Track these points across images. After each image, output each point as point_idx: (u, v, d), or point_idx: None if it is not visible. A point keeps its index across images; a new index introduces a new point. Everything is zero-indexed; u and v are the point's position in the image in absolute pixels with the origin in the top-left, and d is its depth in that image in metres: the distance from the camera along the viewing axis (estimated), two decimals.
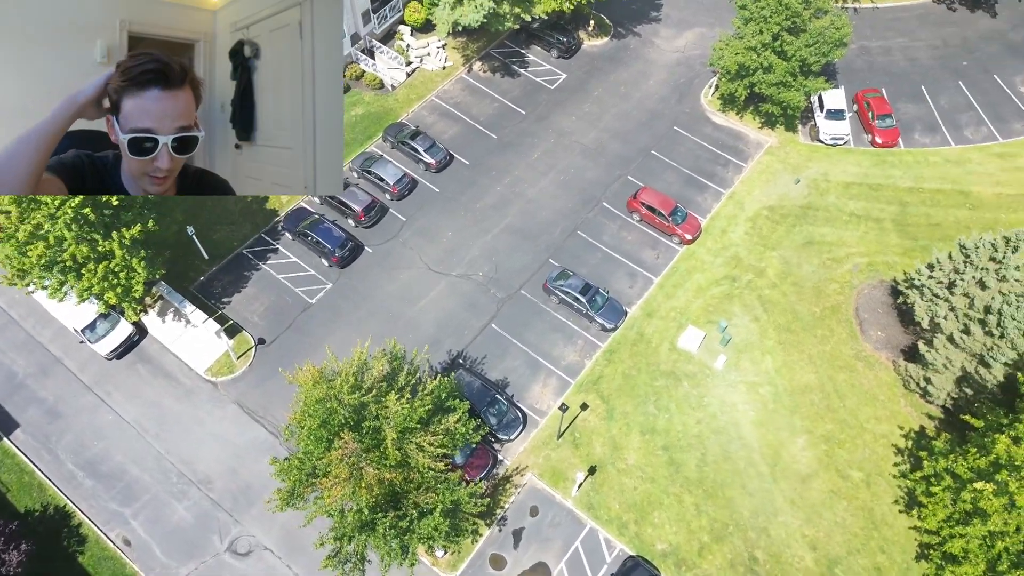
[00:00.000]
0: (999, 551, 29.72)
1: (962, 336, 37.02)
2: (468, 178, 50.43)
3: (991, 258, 37.41)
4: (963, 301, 38.16)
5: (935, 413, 40.88)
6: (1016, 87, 56.21)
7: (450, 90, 55.22)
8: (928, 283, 39.96)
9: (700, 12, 60.84)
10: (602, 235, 48.32)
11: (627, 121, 54.14)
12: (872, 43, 58.79)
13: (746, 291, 45.87)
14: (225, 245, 45.99)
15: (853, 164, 52.03)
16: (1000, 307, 35.40)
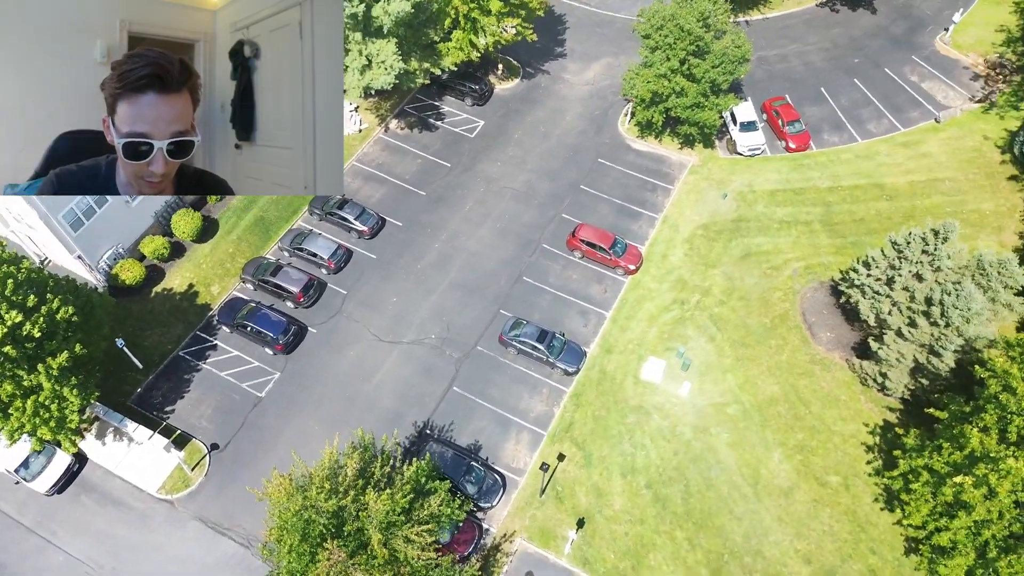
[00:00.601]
0: (986, 539, 30.50)
1: (909, 329, 38.30)
2: (404, 240, 49.40)
3: (923, 251, 38.96)
4: (904, 295, 39.58)
5: (895, 405, 42.11)
6: (906, 77, 59.45)
7: (370, 152, 54.23)
8: (867, 281, 41.30)
9: (602, 43, 62.00)
10: (548, 277, 48.07)
11: (552, 159, 54.37)
12: (768, 53, 61.19)
13: (696, 312, 46.38)
14: (159, 350, 43.37)
15: (773, 171, 53.70)
16: (941, 297, 36.81)
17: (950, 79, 58.89)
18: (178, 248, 47.42)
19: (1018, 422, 28.76)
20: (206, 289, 46.10)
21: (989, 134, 54.61)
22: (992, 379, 30.89)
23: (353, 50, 46.88)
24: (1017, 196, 50.78)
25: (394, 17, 44.93)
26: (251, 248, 48.20)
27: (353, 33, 46.41)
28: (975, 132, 54.96)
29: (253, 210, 49.94)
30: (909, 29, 62.84)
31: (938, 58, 60.62)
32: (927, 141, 54.97)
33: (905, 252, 39.36)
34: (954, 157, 53.63)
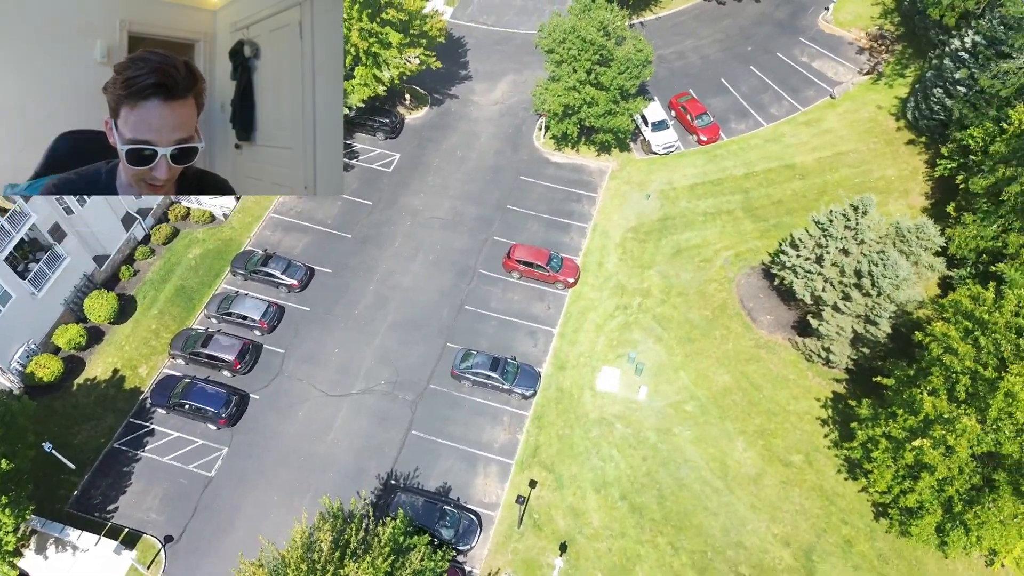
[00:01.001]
0: (950, 495, 31.69)
1: (844, 303, 39.63)
2: (336, 287, 47.92)
3: (846, 226, 40.42)
4: (834, 271, 40.95)
5: (840, 376, 43.51)
6: (797, 58, 61.98)
7: (286, 201, 52.45)
8: (798, 262, 42.56)
9: (505, 61, 62.13)
10: (489, 302, 47.54)
11: (474, 183, 53.95)
12: (666, 51, 62.67)
13: (640, 315, 46.77)
14: (91, 446, 40.46)
15: (690, 166, 54.90)
16: (869, 268, 38.24)
17: (837, 55, 61.74)
18: (96, 334, 44.49)
19: (964, 381, 30.03)
20: (133, 372, 43.40)
21: (882, 103, 57.47)
22: (933, 343, 32.20)
23: None
24: (917, 159, 53.54)
25: None
26: (175, 321, 45.72)
27: None
28: (869, 103, 57.74)
29: (172, 280, 47.42)
30: (792, 13, 65.62)
31: (823, 37, 63.51)
32: (826, 117, 57.38)
33: (829, 230, 40.73)
34: (853, 129, 56.15)
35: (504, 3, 66.16)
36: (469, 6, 65.86)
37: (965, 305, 32.61)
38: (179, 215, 49.76)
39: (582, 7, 50.17)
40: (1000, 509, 28.98)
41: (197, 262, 48.53)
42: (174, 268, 48.02)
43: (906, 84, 58.21)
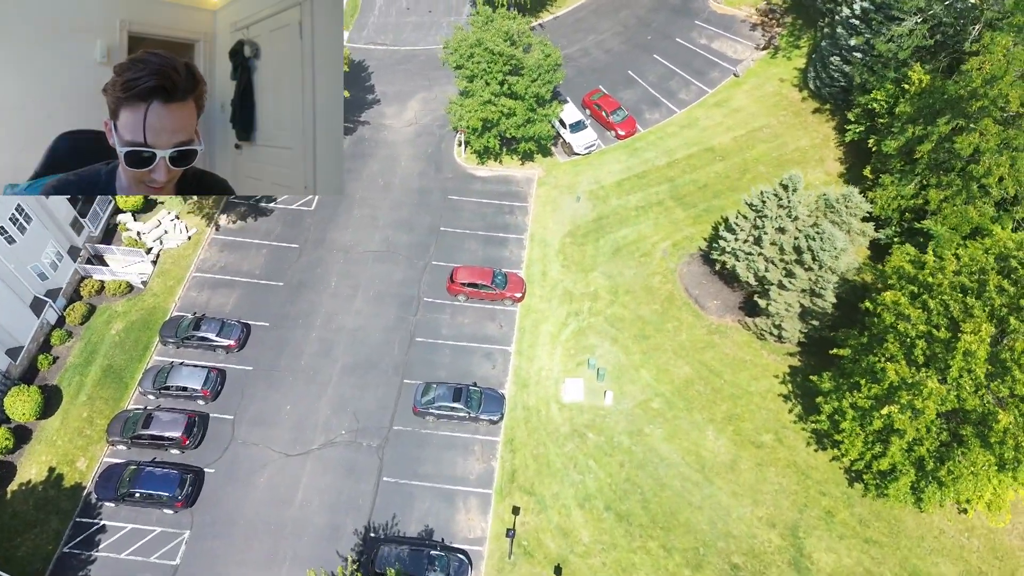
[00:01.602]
0: (921, 454, 32.83)
1: (789, 280, 40.54)
2: (276, 340, 45.70)
3: (779, 206, 41.32)
4: (774, 250, 41.84)
5: (793, 350, 44.60)
6: (696, 41, 63.22)
7: (208, 257, 49.64)
8: (737, 246, 43.29)
9: (411, 79, 60.78)
10: (440, 330, 46.38)
11: (402, 209, 52.54)
12: (570, 49, 62.74)
13: (592, 319, 46.64)
14: (38, 555, 37.14)
15: (613, 163, 55.14)
16: (808, 244, 39.21)
17: (733, 34, 63.33)
18: (22, 433, 40.89)
19: (921, 345, 31.11)
20: (72, 467, 40.11)
21: (783, 76, 59.29)
22: (885, 312, 33.22)
23: None
24: (826, 127, 55.50)
25: None
26: (108, 404, 42.53)
27: None
28: (771, 78, 59.48)
29: (96, 361, 44.08)
30: None
31: (717, 17, 65.02)
32: (734, 97, 58.75)
33: (763, 211, 41.55)
34: (762, 105, 57.71)
35: (399, 21, 64.74)
36: (364, 28, 64.11)
37: (908, 270, 33.79)
38: (92, 290, 46.30)
39: (484, 19, 49.47)
40: (972, 462, 30.17)
41: (121, 337, 45.29)
42: (97, 348, 44.66)
43: (802, 55, 60.26)
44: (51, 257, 44.12)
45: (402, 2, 65.56)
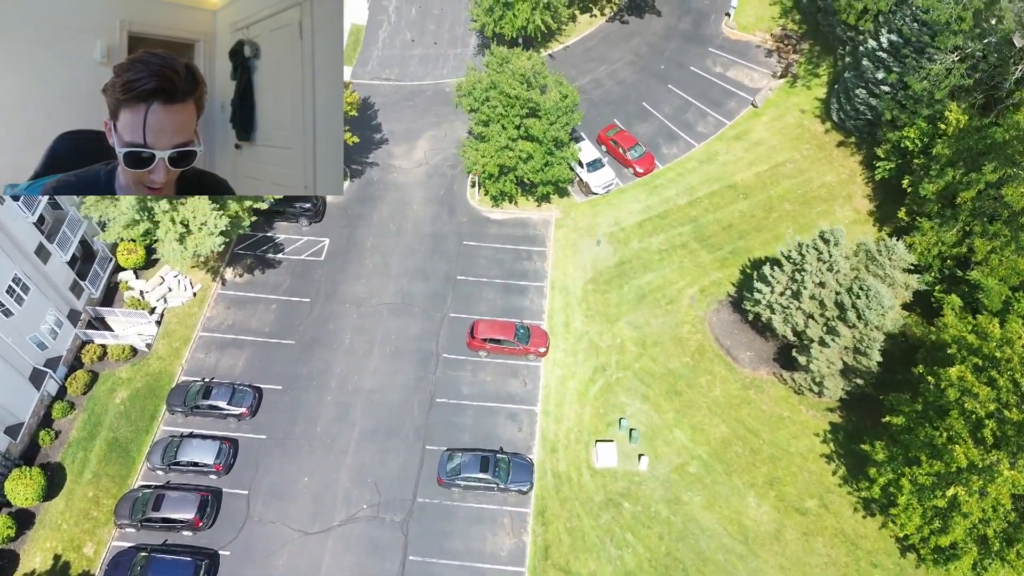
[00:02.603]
0: (985, 533, 30.95)
1: (831, 338, 38.61)
2: (290, 404, 43.46)
3: (819, 259, 39.39)
4: (813, 304, 39.91)
5: (833, 405, 42.71)
6: (711, 70, 61.29)
7: (215, 315, 47.32)
8: (772, 298, 41.35)
9: (419, 116, 58.58)
10: (461, 389, 44.25)
11: (416, 256, 50.37)
12: (583, 81, 60.69)
13: (620, 374, 44.61)
14: None
15: (633, 202, 53.14)
16: (852, 302, 37.30)
17: (749, 61, 61.43)
18: (25, 518, 38.50)
19: (991, 425, 29.25)
20: (78, 554, 37.76)
21: (804, 107, 57.45)
22: (949, 388, 31.27)
23: (162, 221, 40.22)
24: (852, 161, 53.68)
25: None
26: (115, 482, 40.19)
27: (157, 202, 39.78)
28: (791, 108, 57.62)
29: (101, 434, 41.72)
30: (695, 23, 64.95)
31: (731, 44, 63.11)
32: (754, 128, 56.87)
33: (803, 264, 39.62)
34: (783, 137, 55.85)
35: (403, 54, 62.49)
36: (368, 62, 61.83)
37: (971, 341, 31.89)
38: (94, 356, 43.89)
39: (499, 60, 47.33)
40: None
41: (127, 407, 42.93)
42: (101, 419, 42.29)
43: (822, 84, 58.43)
44: (50, 325, 41.72)
45: (406, 34, 63.34)
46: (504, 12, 55.53)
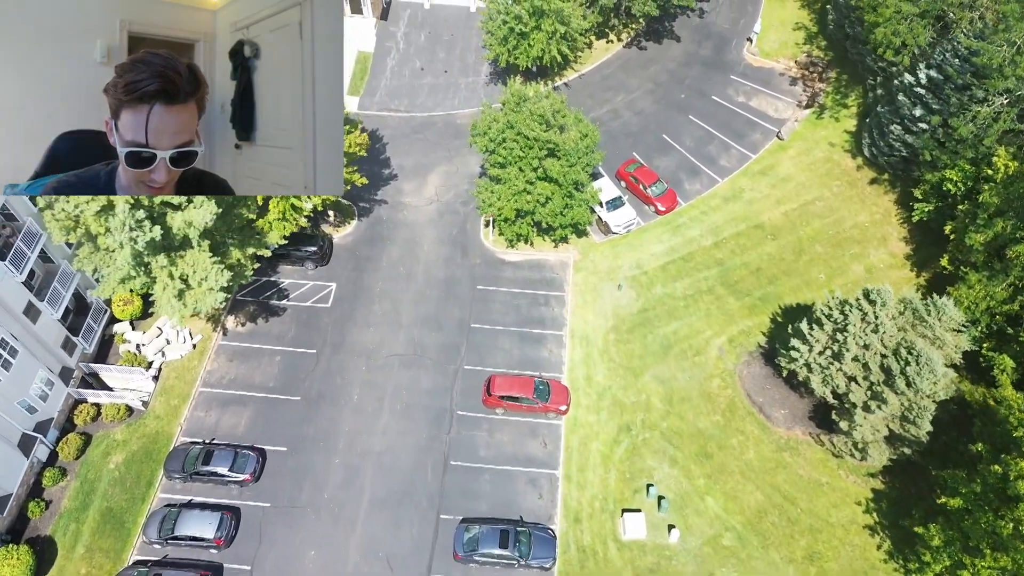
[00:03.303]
0: None
1: (877, 404, 35.97)
2: (295, 468, 40.85)
3: (863, 320, 36.74)
4: (855, 366, 37.27)
5: (875, 469, 40.05)
6: (733, 99, 58.66)
7: (216, 369, 44.71)
8: (811, 358, 38.71)
9: (430, 150, 55.98)
10: (477, 451, 41.63)
11: (427, 303, 47.75)
12: (599, 112, 58.09)
13: (646, 434, 41.98)
14: None
15: (655, 243, 50.52)
16: (902, 368, 34.66)
17: (772, 90, 58.83)
18: None
19: None
20: None
21: (833, 140, 54.81)
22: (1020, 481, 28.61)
23: (160, 276, 37.65)
24: (885, 199, 51.03)
25: (199, 228, 36.34)
26: (109, 558, 37.57)
27: (155, 257, 37.20)
28: (820, 141, 54.98)
29: (94, 503, 39.12)
30: (716, 48, 62.34)
31: (753, 71, 60.50)
32: (780, 163, 54.25)
33: (845, 323, 36.96)
34: (812, 173, 53.21)
35: (413, 84, 59.89)
36: (376, 92, 59.24)
37: None
38: (88, 417, 41.30)
39: (516, 99, 44.73)
40: None
41: (121, 472, 40.34)
42: (94, 487, 39.70)
43: (851, 115, 55.82)
44: (41, 387, 39.17)
45: (415, 62, 60.77)
46: (519, 42, 52.96)
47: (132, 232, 35.20)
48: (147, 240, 35.34)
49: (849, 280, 47.49)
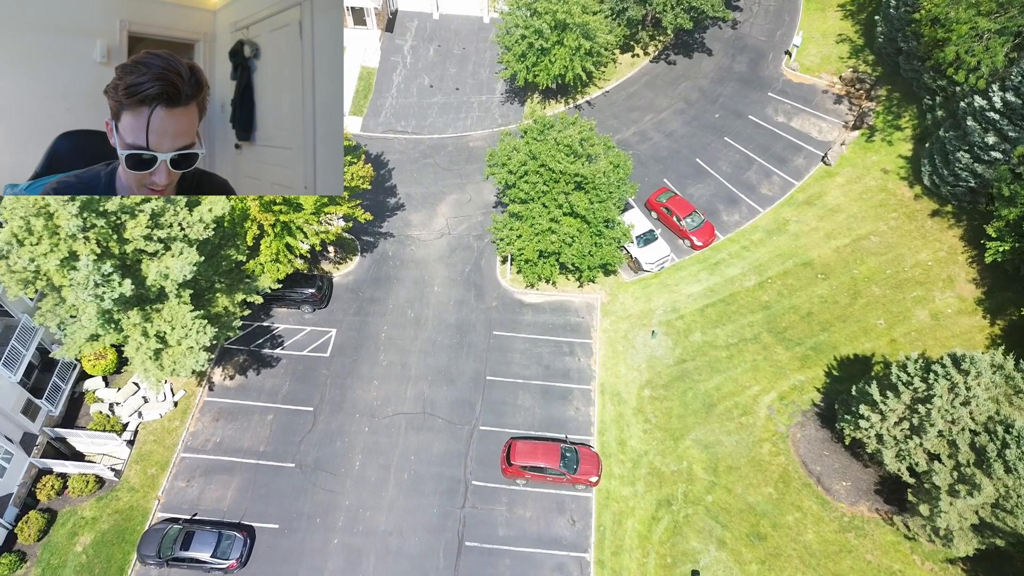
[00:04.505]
0: None
1: (967, 490, 30.64)
2: (289, 551, 35.70)
3: (950, 389, 31.43)
4: (939, 443, 31.96)
5: (955, 555, 34.74)
6: (772, 119, 53.45)
7: (200, 430, 39.62)
8: (883, 429, 33.41)
9: (440, 177, 50.86)
10: (496, 529, 36.45)
11: (439, 352, 42.61)
12: (626, 134, 52.94)
13: (689, 512, 36.73)
14: None
15: (691, 282, 45.30)
16: (1000, 450, 29.35)
17: (815, 109, 53.60)
18: None
19: None
20: None
21: (887, 166, 49.50)
22: None
23: (133, 334, 32.56)
24: (949, 235, 45.69)
25: (177, 279, 31.28)
26: None
27: (126, 314, 32.14)
28: (871, 168, 49.67)
29: None
30: (752, 63, 57.12)
31: (793, 88, 55.27)
32: (828, 191, 48.97)
33: (929, 394, 31.66)
34: (864, 205, 47.91)
35: (421, 103, 54.79)
36: (381, 112, 54.15)
37: None
38: (52, 491, 36.20)
39: (540, 127, 39.60)
40: None
41: (89, 557, 35.24)
42: (57, 574, 34.57)
43: (906, 139, 50.48)
44: None
45: (424, 79, 55.68)
46: (539, 59, 47.85)
47: (98, 288, 30.22)
48: (115, 296, 30.33)
49: (912, 328, 42.20)
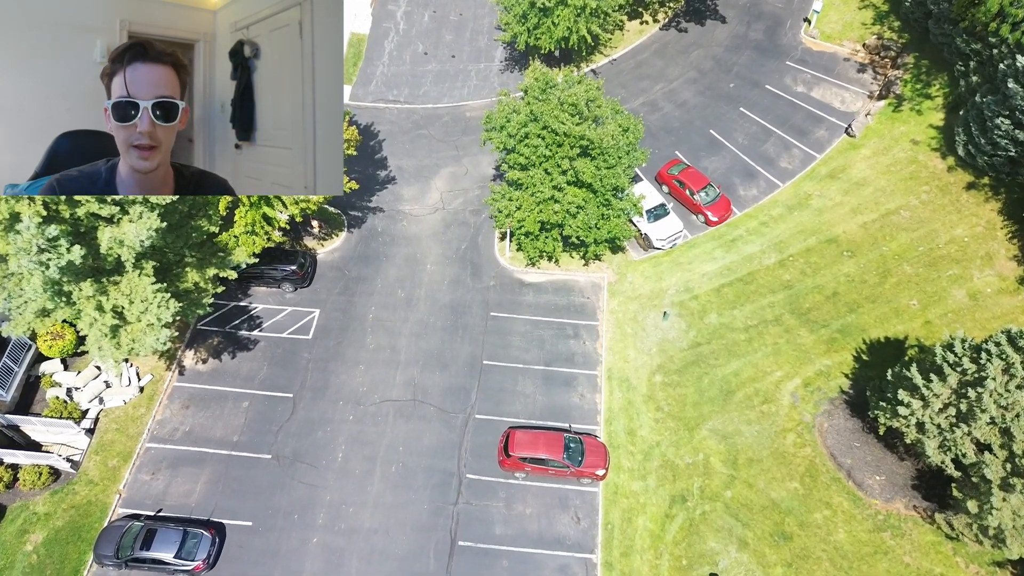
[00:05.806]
0: None
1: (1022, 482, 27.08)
2: (262, 550, 32.22)
3: (1004, 370, 27.83)
4: (991, 432, 28.37)
5: (1000, 556, 31.18)
6: (791, 89, 49.77)
7: (168, 418, 36.12)
8: (926, 417, 29.82)
9: (435, 149, 47.27)
10: (492, 528, 32.94)
11: (431, 334, 39.10)
12: (635, 103, 49.31)
13: (707, 508, 33.18)
14: None
15: (706, 260, 41.73)
16: None
17: (837, 78, 49.92)
18: None
19: None
20: None
21: (916, 137, 45.81)
22: None
23: (85, 309, 29.05)
24: (986, 209, 42.03)
25: (134, 247, 27.77)
26: None
27: (77, 286, 28.63)
28: (900, 139, 45.98)
29: None
30: (768, 31, 53.42)
31: (813, 56, 51.56)
32: (853, 164, 45.30)
33: (980, 375, 28.08)
34: (893, 178, 44.24)
35: (415, 71, 51.19)
36: (371, 81, 50.56)
37: None
38: (1, 484, 32.73)
39: (542, 86, 35.99)
40: None
41: (41, 557, 31.75)
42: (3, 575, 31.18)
43: (937, 108, 46.75)
44: None
45: (418, 45, 52.09)
46: (541, 20, 44.23)
47: (43, 254, 26.78)
48: (62, 264, 26.86)
49: (949, 309, 38.60)
